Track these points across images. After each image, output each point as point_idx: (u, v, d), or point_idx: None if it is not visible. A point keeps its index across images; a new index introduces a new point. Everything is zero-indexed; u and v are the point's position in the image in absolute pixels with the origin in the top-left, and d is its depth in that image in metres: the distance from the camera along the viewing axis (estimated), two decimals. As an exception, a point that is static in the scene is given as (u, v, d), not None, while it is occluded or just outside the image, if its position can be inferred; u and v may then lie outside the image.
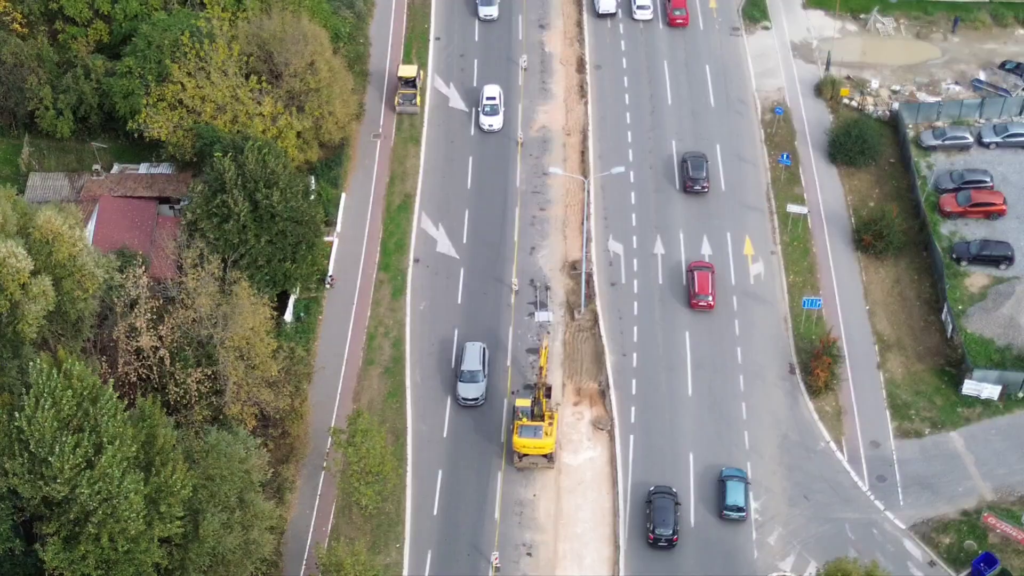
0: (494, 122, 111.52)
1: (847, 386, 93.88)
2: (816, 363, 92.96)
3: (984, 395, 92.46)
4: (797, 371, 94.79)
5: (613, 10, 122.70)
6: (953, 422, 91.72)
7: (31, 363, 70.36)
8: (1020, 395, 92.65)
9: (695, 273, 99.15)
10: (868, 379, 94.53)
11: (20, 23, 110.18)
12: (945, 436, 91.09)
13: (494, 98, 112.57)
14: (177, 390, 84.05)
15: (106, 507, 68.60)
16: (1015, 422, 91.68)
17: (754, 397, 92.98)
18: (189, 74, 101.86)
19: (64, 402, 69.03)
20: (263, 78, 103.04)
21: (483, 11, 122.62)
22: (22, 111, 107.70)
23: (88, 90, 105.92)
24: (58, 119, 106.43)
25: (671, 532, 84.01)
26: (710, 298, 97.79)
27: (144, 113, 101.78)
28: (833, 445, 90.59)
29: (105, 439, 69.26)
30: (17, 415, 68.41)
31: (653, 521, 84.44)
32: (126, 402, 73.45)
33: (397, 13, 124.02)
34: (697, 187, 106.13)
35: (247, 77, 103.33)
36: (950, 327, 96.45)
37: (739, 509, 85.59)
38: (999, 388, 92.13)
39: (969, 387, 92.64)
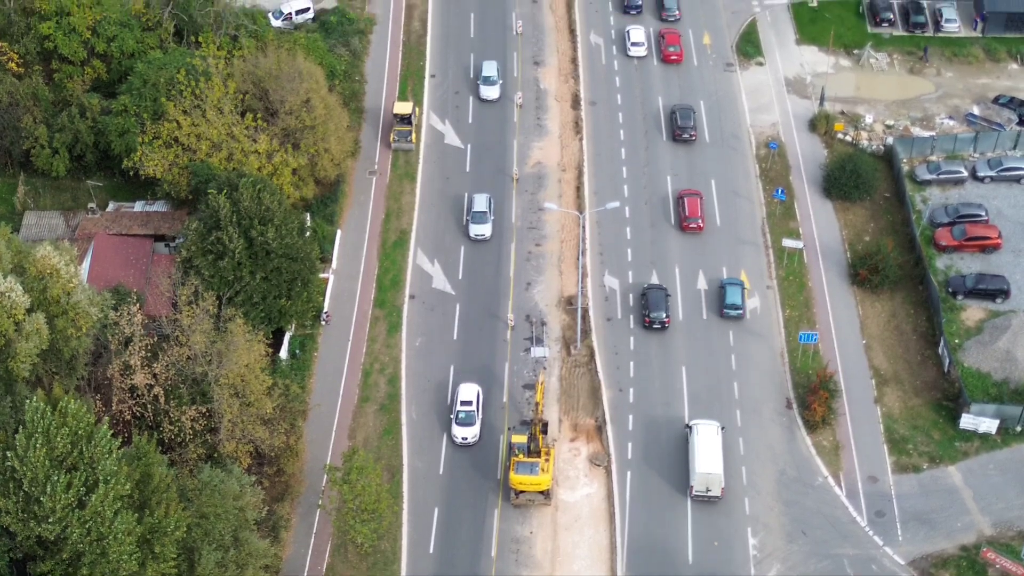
0: (468, 434, 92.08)
1: (844, 421, 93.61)
2: (813, 397, 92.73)
3: (982, 429, 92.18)
4: (794, 406, 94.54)
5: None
6: (951, 457, 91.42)
7: (27, 401, 70.06)
8: (1018, 429, 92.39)
9: (685, 199, 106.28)
10: (865, 413, 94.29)
11: (16, 63, 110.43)
12: (943, 471, 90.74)
13: (470, 403, 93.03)
14: (172, 428, 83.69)
15: (96, 547, 68.09)
16: (1013, 456, 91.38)
17: (751, 432, 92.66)
18: (184, 112, 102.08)
19: (58, 440, 68.73)
20: (259, 116, 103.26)
21: (484, 92, 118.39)
22: (17, 150, 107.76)
23: (84, 128, 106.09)
24: (54, 158, 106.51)
25: (664, 315, 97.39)
26: (699, 220, 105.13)
27: (140, 151, 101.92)
28: (831, 480, 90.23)
29: (100, 478, 68.90)
30: (9, 454, 68.05)
31: (648, 308, 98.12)
32: (120, 440, 73.13)
33: (392, 51, 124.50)
34: (685, 135, 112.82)
35: (243, 115, 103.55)
36: (947, 361, 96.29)
37: (736, 307, 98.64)
38: (997, 422, 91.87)
39: (967, 421, 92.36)
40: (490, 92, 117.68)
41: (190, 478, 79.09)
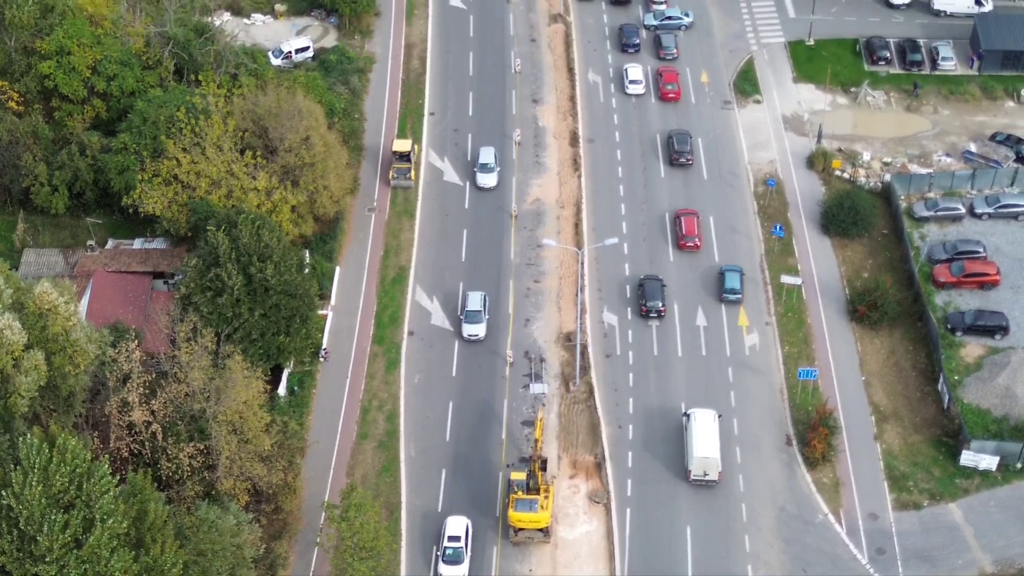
0: (455, 573, 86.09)
1: (844, 457, 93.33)
2: (813, 434, 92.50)
3: (982, 466, 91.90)
4: (794, 442, 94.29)
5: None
6: (952, 493, 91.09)
7: (22, 438, 69.83)
8: (1018, 466, 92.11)
9: (681, 218, 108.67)
10: (865, 450, 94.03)
11: (16, 101, 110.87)
12: (944, 508, 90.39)
13: (458, 539, 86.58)
14: (169, 465, 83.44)
15: (94, 585, 67.81)
16: (1014, 493, 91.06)
17: (751, 469, 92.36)
18: (184, 150, 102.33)
19: (56, 478, 68.44)
20: (258, 153, 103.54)
21: (481, 179, 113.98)
22: (17, 188, 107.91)
23: (83, 166, 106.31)
24: (53, 195, 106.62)
25: (660, 304, 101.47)
26: (696, 239, 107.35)
27: (139, 189, 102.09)
28: (831, 517, 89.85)
29: (97, 516, 68.54)
30: (5, 492, 67.74)
31: (645, 297, 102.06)
32: (118, 478, 72.83)
33: (392, 89, 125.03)
34: (682, 159, 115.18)
35: (242, 152, 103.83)
36: (946, 397, 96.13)
37: (735, 291, 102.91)
38: (997, 459, 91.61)
39: (967, 458, 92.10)
40: (487, 180, 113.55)
41: (187, 515, 78.72)
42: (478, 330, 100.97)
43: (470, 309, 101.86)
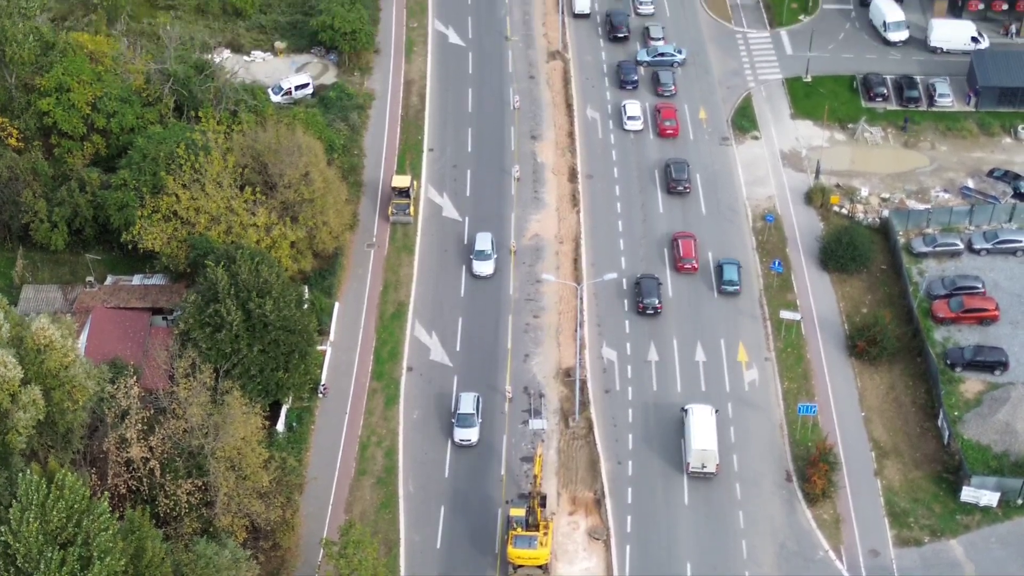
0: (470, 435, 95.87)
1: (844, 494, 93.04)
2: (813, 470, 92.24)
3: (983, 502, 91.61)
4: (794, 478, 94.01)
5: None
6: (952, 530, 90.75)
7: (20, 474, 69.56)
8: (1019, 502, 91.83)
9: (679, 241, 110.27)
10: (866, 486, 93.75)
11: (16, 138, 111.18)
12: (945, 544, 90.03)
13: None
14: (167, 501, 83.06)
15: (91, 622, 67.32)
16: (1015, 529, 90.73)
17: (751, 505, 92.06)
18: (184, 186, 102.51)
19: (53, 515, 68.12)
20: (257, 189, 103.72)
21: (477, 267, 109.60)
22: (16, 224, 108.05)
23: (83, 203, 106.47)
24: (52, 232, 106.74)
25: (657, 302, 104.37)
26: (694, 261, 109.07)
27: (138, 225, 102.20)
28: (832, 554, 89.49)
29: (95, 554, 68.18)
30: (2, 528, 67.39)
31: (641, 294, 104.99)
32: (117, 514, 72.54)
33: (391, 125, 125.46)
34: (680, 187, 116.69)
35: (242, 188, 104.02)
36: (946, 433, 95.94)
37: (733, 283, 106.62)
38: (998, 495, 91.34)
39: (967, 494, 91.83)
40: (483, 268, 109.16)
41: (185, 552, 78.33)
42: (470, 435, 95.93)
43: (462, 412, 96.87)
